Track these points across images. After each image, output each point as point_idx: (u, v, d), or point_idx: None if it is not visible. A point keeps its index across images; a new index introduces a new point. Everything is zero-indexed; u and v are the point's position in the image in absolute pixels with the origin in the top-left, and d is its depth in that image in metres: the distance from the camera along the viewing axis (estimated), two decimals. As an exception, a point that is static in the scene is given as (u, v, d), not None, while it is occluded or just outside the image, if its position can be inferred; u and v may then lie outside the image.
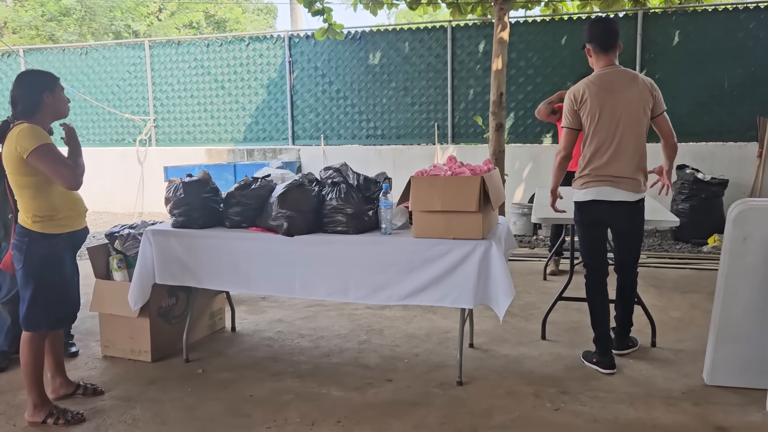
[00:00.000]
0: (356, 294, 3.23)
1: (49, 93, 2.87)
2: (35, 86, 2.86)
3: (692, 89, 7.69)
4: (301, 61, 9.25)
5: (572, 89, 3.34)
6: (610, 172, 3.23)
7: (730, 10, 7.61)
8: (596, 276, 3.44)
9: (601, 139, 3.23)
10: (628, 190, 3.25)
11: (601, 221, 3.37)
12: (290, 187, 3.33)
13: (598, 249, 3.44)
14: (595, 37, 3.33)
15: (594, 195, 3.28)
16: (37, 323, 2.84)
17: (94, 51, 10.32)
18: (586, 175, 3.30)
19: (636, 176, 3.26)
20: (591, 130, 3.25)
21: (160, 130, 10.11)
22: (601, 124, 3.22)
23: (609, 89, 3.22)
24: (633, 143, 3.23)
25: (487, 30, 8.33)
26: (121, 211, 10.02)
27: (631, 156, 3.23)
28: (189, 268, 3.45)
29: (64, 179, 2.74)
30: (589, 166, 3.28)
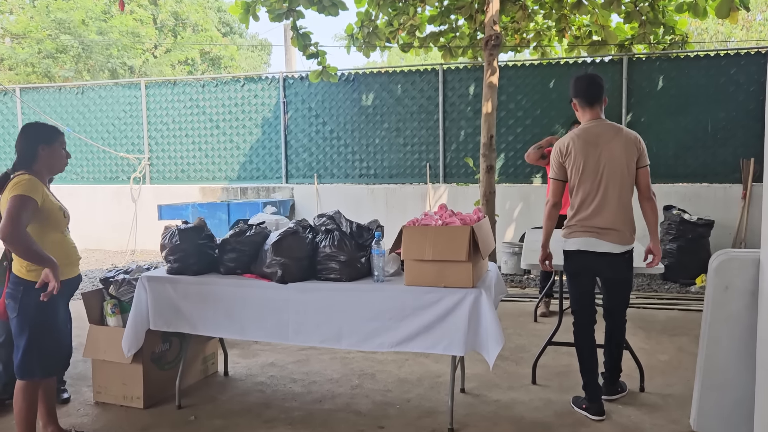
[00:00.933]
0: (349, 341, 3.27)
1: (46, 146, 2.93)
2: (33, 138, 2.93)
3: (677, 132, 7.89)
4: (296, 101, 9.42)
5: (558, 142, 3.46)
6: (595, 223, 3.32)
7: (711, 56, 7.86)
8: (584, 323, 3.50)
9: (585, 190, 3.33)
10: (613, 242, 3.33)
11: (588, 270, 3.45)
12: (284, 235, 3.40)
13: (585, 297, 3.51)
14: (581, 92, 3.46)
15: (580, 245, 3.37)
16: (31, 371, 2.86)
17: (91, 90, 10.47)
18: (572, 225, 3.40)
19: (621, 228, 3.34)
20: (576, 181, 3.36)
21: (154, 168, 10.20)
22: (585, 176, 3.33)
23: (593, 142, 3.34)
24: (617, 195, 3.32)
25: (478, 73, 8.55)
26: (113, 248, 10.03)
27: (615, 208, 3.32)
28: (183, 315, 3.49)
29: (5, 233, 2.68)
30: (576, 216, 3.38)
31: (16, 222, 2.69)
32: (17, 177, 2.80)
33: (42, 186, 2.86)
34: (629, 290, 3.61)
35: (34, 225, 2.81)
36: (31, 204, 2.75)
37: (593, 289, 3.58)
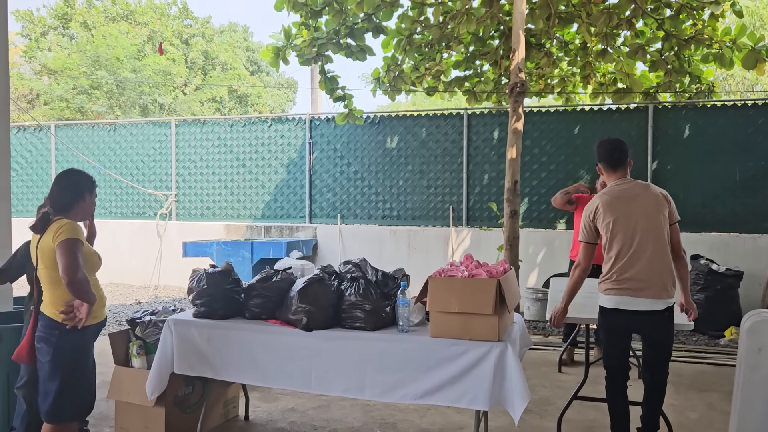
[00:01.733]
0: (372, 391, 3.25)
1: (89, 194, 3.03)
2: (79, 185, 3.02)
3: (704, 180, 7.81)
4: (321, 142, 9.56)
5: (587, 206, 3.45)
6: (630, 277, 3.23)
7: (738, 105, 7.84)
8: (617, 381, 3.41)
9: (619, 244, 3.27)
10: (650, 297, 3.22)
11: (625, 328, 3.35)
12: (310, 282, 3.42)
13: (620, 354, 3.41)
14: (604, 156, 3.50)
15: (616, 303, 3.28)
16: (61, 416, 2.88)
17: (122, 127, 10.74)
18: (607, 280, 3.32)
19: (657, 281, 3.23)
20: (608, 237, 3.31)
21: (180, 205, 10.36)
22: (617, 230, 3.28)
23: (623, 197, 3.34)
24: (651, 246, 3.24)
25: (502, 117, 8.61)
26: (137, 283, 10.14)
27: (649, 259, 3.23)
28: (207, 359, 3.50)
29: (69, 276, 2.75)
30: (611, 271, 3.30)
31: (76, 264, 2.78)
32: (56, 223, 2.87)
33: (81, 230, 2.94)
34: (671, 345, 3.46)
35: None
36: (80, 244, 2.85)
37: (629, 346, 3.48)
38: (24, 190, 11.15)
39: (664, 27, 7.30)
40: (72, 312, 2.80)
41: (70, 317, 2.79)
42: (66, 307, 2.82)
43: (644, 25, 7.62)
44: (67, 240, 2.79)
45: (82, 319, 2.77)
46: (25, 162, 11.15)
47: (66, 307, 2.81)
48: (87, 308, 2.77)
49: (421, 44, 8.03)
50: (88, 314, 2.80)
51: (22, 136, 11.16)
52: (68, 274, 2.73)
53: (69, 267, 2.74)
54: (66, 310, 2.81)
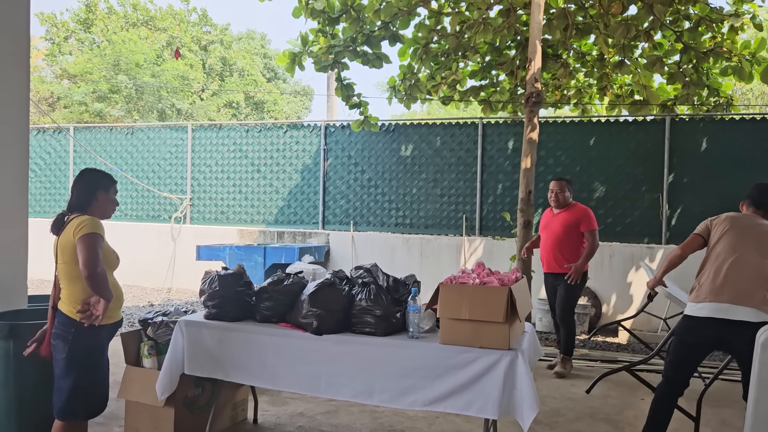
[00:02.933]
0: (381, 397, 3.23)
1: (104, 192, 3.05)
2: (92, 183, 3.05)
3: (721, 195, 7.73)
4: (336, 149, 9.59)
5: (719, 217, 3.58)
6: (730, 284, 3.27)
7: (757, 119, 7.77)
8: (672, 392, 3.38)
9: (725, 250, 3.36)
10: (750, 306, 3.21)
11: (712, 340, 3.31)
12: (321, 286, 3.42)
13: (688, 369, 3.39)
14: (753, 196, 3.63)
15: (710, 311, 3.28)
16: (75, 413, 2.90)
17: (140, 131, 10.86)
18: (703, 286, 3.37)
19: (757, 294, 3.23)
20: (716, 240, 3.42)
21: (195, 209, 10.44)
22: (727, 237, 3.39)
23: (746, 218, 3.49)
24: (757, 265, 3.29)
25: (517, 128, 8.60)
26: (150, 285, 10.21)
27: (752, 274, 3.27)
28: (218, 361, 3.51)
29: (88, 270, 2.77)
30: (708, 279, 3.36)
31: (97, 259, 2.80)
32: (77, 219, 2.90)
33: (102, 226, 2.96)
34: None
35: None
36: (100, 239, 2.87)
37: (702, 360, 3.45)
38: (42, 191, 11.30)
39: (683, 39, 7.26)
40: (89, 310, 2.82)
41: (87, 315, 2.81)
42: (83, 305, 2.84)
43: (662, 37, 7.59)
44: (88, 234, 2.81)
45: (99, 316, 2.79)
46: (44, 163, 11.30)
47: (83, 306, 2.84)
48: (104, 305, 2.79)
49: (438, 53, 8.05)
50: (105, 312, 2.81)
51: (42, 138, 11.32)
52: (88, 268, 2.76)
53: (89, 260, 2.76)
54: (83, 309, 2.83)
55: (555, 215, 5.73)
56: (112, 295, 2.86)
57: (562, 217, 5.65)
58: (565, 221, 5.60)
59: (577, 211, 5.62)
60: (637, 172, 8.15)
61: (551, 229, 5.69)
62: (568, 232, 5.59)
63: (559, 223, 5.64)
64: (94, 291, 2.79)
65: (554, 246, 5.64)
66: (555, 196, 5.70)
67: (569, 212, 5.64)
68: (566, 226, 5.58)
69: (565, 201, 5.70)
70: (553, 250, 5.65)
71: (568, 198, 5.71)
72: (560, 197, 5.69)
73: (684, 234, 7.72)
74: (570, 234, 5.59)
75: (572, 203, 5.74)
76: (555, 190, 5.71)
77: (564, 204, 5.71)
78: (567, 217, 5.61)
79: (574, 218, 5.57)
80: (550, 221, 5.75)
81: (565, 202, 5.70)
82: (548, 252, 5.70)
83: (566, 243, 5.59)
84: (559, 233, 5.61)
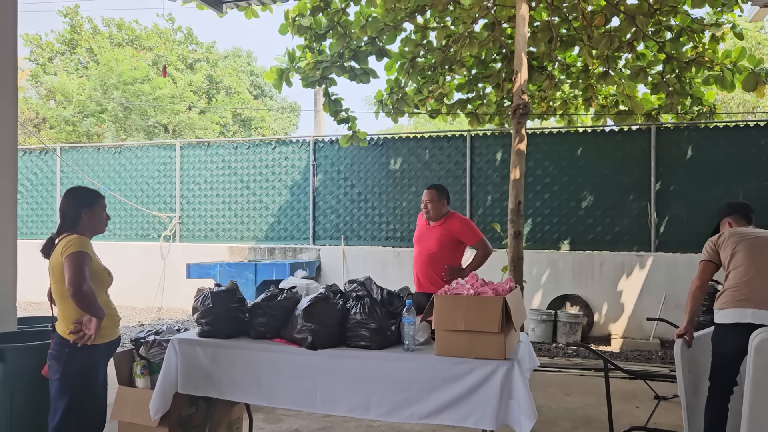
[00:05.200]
0: (378, 411, 3.21)
1: (88, 210, 3.04)
2: (76, 202, 3.04)
3: (707, 201, 7.83)
4: (325, 164, 9.61)
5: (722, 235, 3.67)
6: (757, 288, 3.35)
7: (741, 126, 7.89)
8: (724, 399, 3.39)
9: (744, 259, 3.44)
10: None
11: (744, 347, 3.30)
12: (315, 301, 3.41)
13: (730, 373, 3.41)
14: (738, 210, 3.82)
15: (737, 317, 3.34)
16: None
17: (128, 150, 10.82)
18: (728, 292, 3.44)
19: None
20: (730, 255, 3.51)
21: (184, 227, 10.39)
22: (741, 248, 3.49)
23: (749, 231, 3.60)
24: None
25: (505, 139, 8.66)
26: (140, 305, 10.12)
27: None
28: (212, 379, 3.48)
29: (73, 287, 2.76)
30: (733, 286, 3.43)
31: (82, 276, 2.78)
32: (65, 238, 2.90)
33: (90, 244, 2.95)
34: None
35: None
36: (87, 258, 2.85)
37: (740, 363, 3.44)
38: (29, 213, 11.20)
39: (665, 49, 7.37)
40: (81, 330, 2.80)
41: (80, 336, 2.78)
42: (75, 326, 2.81)
43: (645, 48, 7.69)
44: (74, 253, 2.80)
45: (91, 335, 2.76)
46: (31, 185, 11.22)
47: (75, 326, 2.81)
48: (96, 323, 2.76)
49: (424, 67, 8.10)
50: (98, 330, 2.79)
51: (28, 159, 11.24)
52: (73, 285, 2.74)
53: (74, 279, 2.74)
54: (75, 329, 2.80)
55: (430, 228, 4.83)
56: (104, 313, 2.84)
57: (437, 231, 4.76)
58: (440, 236, 4.74)
59: (454, 224, 4.76)
60: (625, 180, 8.23)
61: (425, 243, 4.82)
62: (443, 249, 4.74)
63: (434, 238, 4.76)
64: (82, 309, 2.77)
65: (427, 263, 4.76)
66: (425, 207, 4.78)
67: (445, 226, 4.76)
68: (442, 242, 4.73)
69: (439, 212, 4.76)
70: (425, 268, 4.75)
71: (442, 208, 4.77)
72: (431, 208, 4.75)
73: (672, 241, 7.82)
74: (446, 250, 4.74)
75: (448, 213, 4.82)
76: (426, 200, 4.77)
77: (438, 216, 4.77)
78: (443, 232, 4.75)
79: (452, 233, 4.74)
80: (424, 235, 4.84)
81: (439, 214, 4.77)
82: (420, 269, 4.76)
83: (440, 260, 4.73)
84: (433, 249, 4.73)
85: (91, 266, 2.91)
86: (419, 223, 4.97)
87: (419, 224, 4.96)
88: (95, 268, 2.95)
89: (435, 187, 4.83)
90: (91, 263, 2.88)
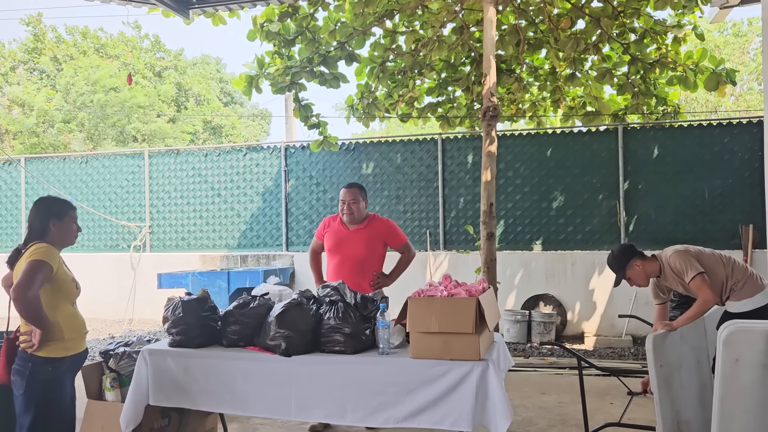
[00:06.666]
0: (354, 416, 3.19)
1: (57, 221, 2.96)
2: (44, 213, 2.97)
3: (674, 199, 7.99)
4: (297, 170, 9.55)
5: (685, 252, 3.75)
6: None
7: (704, 125, 8.07)
8: None
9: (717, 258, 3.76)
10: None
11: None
12: (288, 307, 3.37)
13: None
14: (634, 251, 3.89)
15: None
16: (34, 451, 2.78)
17: (95, 159, 10.62)
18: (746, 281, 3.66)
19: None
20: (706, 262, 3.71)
21: (155, 236, 10.23)
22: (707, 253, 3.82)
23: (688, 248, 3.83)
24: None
25: (476, 142, 8.72)
26: (110, 317, 9.92)
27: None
28: (184, 389, 3.42)
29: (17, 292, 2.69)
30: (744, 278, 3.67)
31: (30, 283, 2.70)
32: (34, 245, 2.83)
33: (58, 255, 2.87)
34: None
35: (47, 294, 2.80)
36: (47, 269, 2.77)
37: None
38: (-8, 226, 10.91)
39: (630, 51, 7.51)
40: (30, 339, 2.74)
41: (29, 344, 2.73)
42: (26, 333, 2.75)
43: (610, 50, 7.84)
44: (35, 260, 2.73)
45: (34, 344, 2.71)
46: (-6, 196, 10.93)
47: (24, 335, 2.75)
48: (39, 335, 2.70)
49: (394, 71, 8.13)
50: (42, 341, 2.72)
51: (-9, 171, 10.96)
52: (18, 290, 2.67)
53: (22, 283, 2.68)
54: (25, 332, 2.75)
55: (351, 232, 4.45)
56: (46, 324, 2.76)
57: (363, 234, 4.43)
58: (368, 240, 4.43)
59: (380, 226, 4.51)
60: (594, 180, 8.35)
61: (348, 250, 4.42)
62: (373, 253, 4.45)
63: (361, 242, 4.41)
64: (22, 316, 2.73)
65: (355, 270, 4.38)
66: (349, 208, 4.42)
67: (370, 228, 4.47)
68: (371, 246, 4.43)
69: (361, 214, 4.47)
70: (353, 276, 4.30)
71: (364, 210, 4.50)
72: (355, 209, 4.43)
73: (642, 239, 7.94)
74: (375, 255, 4.48)
75: (369, 215, 4.54)
76: (348, 201, 4.42)
77: (361, 218, 4.47)
78: (369, 235, 4.44)
79: (379, 235, 4.47)
80: (345, 240, 4.45)
81: (362, 216, 4.47)
82: (347, 278, 4.11)
83: (369, 266, 4.45)
84: (362, 255, 4.40)
85: (56, 276, 2.83)
86: (331, 229, 4.53)
87: (332, 229, 4.52)
88: (61, 278, 2.88)
89: (356, 185, 4.51)
90: (52, 274, 2.81)
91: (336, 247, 4.46)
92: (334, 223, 4.55)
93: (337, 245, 4.45)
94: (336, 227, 4.51)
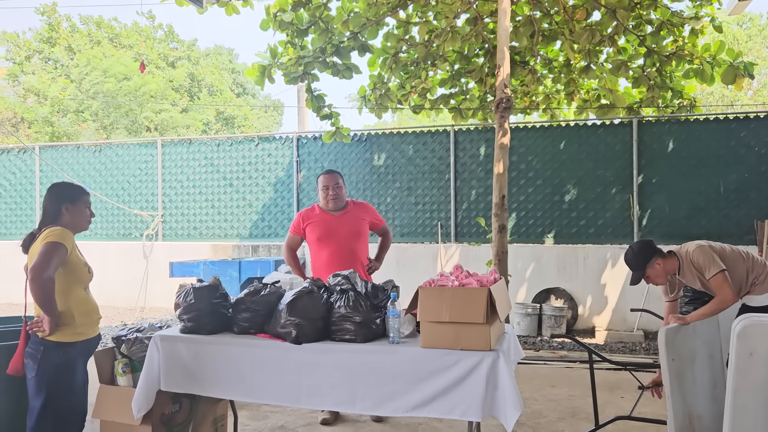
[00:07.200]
0: (363, 405, 3.19)
1: (70, 205, 2.98)
2: (57, 198, 2.99)
3: (689, 193, 7.90)
4: (308, 160, 9.56)
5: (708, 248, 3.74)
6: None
7: (721, 119, 7.96)
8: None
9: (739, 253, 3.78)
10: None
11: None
12: (299, 295, 3.38)
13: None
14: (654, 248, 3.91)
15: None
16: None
17: (108, 148, 10.69)
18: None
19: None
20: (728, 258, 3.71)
21: (167, 225, 10.28)
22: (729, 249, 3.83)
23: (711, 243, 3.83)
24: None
25: (489, 134, 8.68)
26: (123, 305, 10.01)
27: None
28: (195, 376, 3.43)
29: (33, 272, 2.71)
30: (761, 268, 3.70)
31: (47, 265, 2.72)
32: (48, 229, 2.85)
33: (72, 238, 2.89)
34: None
35: (60, 278, 2.82)
36: (62, 250, 2.79)
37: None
38: (7, 213, 11.02)
39: (646, 43, 7.41)
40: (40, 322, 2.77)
41: (40, 328, 2.75)
42: (37, 317, 2.78)
43: (626, 42, 7.74)
44: (51, 242, 2.75)
45: (45, 331, 2.73)
46: (9, 184, 11.04)
47: (37, 317, 2.78)
48: (48, 321, 2.72)
49: (407, 62, 8.08)
50: (52, 327, 2.74)
51: (6, 159, 11.06)
52: (33, 271, 2.69)
53: (37, 265, 2.70)
54: (36, 321, 2.77)
55: (338, 217, 4.36)
56: (55, 311, 2.78)
57: (350, 219, 4.37)
58: (356, 222, 4.37)
59: (362, 208, 4.48)
60: (608, 174, 8.28)
61: (340, 237, 4.32)
62: (363, 238, 4.42)
63: (351, 227, 4.34)
64: (34, 298, 2.74)
65: (350, 258, 4.31)
66: (334, 191, 4.34)
67: (355, 211, 4.43)
68: (361, 231, 4.38)
69: (344, 198, 4.42)
70: (350, 263, 4.22)
71: (345, 194, 4.46)
72: (339, 193, 4.37)
73: (655, 233, 7.87)
74: (363, 237, 4.42)
75: (348, 201, 4.49)
76: (331, 185, 4.34)
77: (344, 202, 4.41)
78: (356, 216, 4.39)
79: (366, 216, 4.44)
80: (334, 227, 4.33)
81: (344, 200, 4.42)
82: (344, 266, 4.05)
83: (362, 252, 4.40)
84: (355, 240, 4.34)
85: (69, 260, 2.85)
86: (314, 220, 4.39)
87: (315, 220, 4.38)
88: (74, 262, 2.90)
89: (334, 170, 4.46)
90: (66, 257, 2.82)
91: (327, 235, 4.32)
92: (313, 213, 4.41)
93: (328, 233, 4.32)
94: (319, 216, 4.38)
